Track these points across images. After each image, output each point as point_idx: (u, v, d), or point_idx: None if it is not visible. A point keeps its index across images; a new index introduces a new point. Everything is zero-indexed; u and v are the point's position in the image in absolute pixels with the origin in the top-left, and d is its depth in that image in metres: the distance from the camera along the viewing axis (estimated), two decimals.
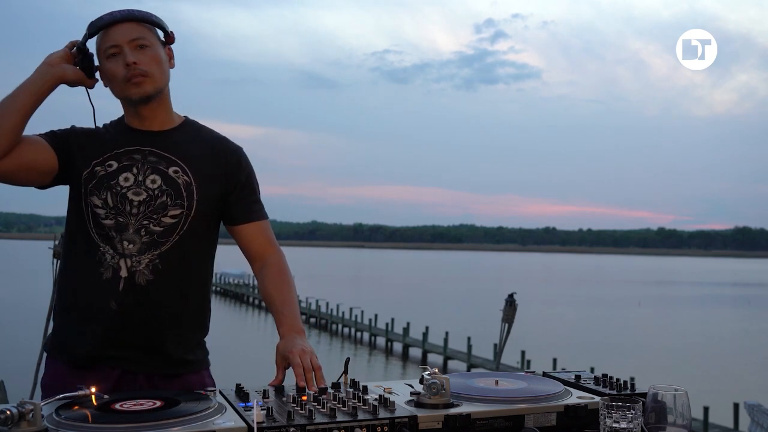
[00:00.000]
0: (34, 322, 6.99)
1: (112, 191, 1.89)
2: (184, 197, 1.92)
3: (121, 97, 1.95)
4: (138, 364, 1.90)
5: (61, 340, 1.95)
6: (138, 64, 1.86)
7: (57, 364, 1.93)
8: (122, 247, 1.87)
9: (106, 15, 1.89)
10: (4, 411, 1.23)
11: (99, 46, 1.91)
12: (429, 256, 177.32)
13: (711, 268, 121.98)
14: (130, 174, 1.91)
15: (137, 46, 1.88)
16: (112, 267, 1.87)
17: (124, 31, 1.88)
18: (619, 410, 1.31)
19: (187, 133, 2.02)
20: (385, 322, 29.49)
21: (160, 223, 1.89)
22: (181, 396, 1.52)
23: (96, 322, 1.88)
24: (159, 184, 1.91)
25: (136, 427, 1.31)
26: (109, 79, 1.92)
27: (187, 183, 1.93)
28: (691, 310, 46.23)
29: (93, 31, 1.88)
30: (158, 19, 1.95)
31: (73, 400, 1.45)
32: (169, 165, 1.93)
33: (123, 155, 1.93)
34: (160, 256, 1.89)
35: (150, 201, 1.89)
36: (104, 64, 1.90)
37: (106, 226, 1.88)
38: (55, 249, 3.84)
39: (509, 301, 4.49)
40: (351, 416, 1.39)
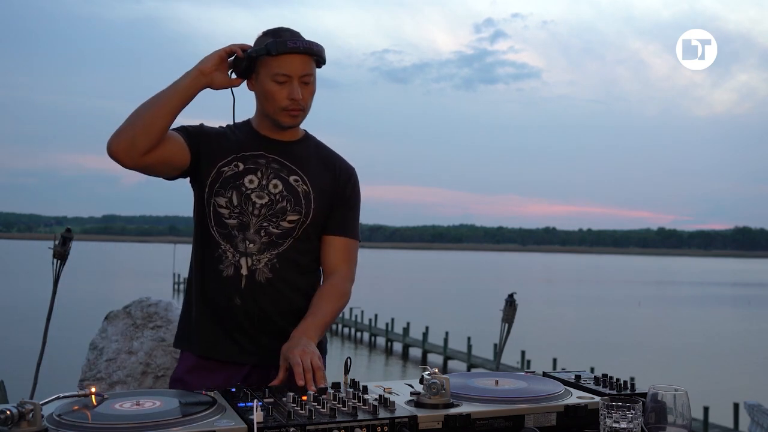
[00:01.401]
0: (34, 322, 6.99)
1: (238, 191, 1.98)
2: (302, 204, 2.02)
3: (269, 116, 2.01)
4: (265, 358, 1.97)
5: (189, 331, 2.03)
6: (301, 101, 1.96)
7: (190, 357, 2.02)
8: (244, 246, 1.97)
9: (289, 41, 1.92)
10: (4, 411, 1.23)
11: (268, 65, 1.93)
12: (429, 256, 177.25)
13: (711, 268, 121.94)
14: (254, 177, 2.00)
15: (304, 82, 1.95)
16: (234, 264, 1.97)
17: (299, 64, 1.93)
18: (619, 410, 1.31)
19: (308, 147, 2.11)
20: (385, 322, 29.48)
21: (278, 226, 1.99)
22: (181, 396, 1.52)
23: (222, 316, 1.98)
24: (280, 190, 2.00)
25: (136, 427, 1.31)
26: (266, 98, 1.98)
27: (306, 192, 2.03)
28: (691, 310, 46.21)
29: (273, 53, 1.90)
30: (324, 53, 2.00)
31: (73, 400, 1.45)
32: (290, 173, 2.03)
33: (249, 158, 2.02)
34: (278, 256, 1.99)
35: (271, 204, 1.99)
36: (267, 83, 1.95)
37: (229, 225, 1.98)
38: (55, 249, 3.84)
39: (509, 301, 4.49)
40: (351, 416, 1.39)
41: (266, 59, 1.93)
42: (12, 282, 49.19)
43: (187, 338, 2.04)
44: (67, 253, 3.89)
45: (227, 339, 1.98)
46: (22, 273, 57.04)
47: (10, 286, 45.78)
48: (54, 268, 3.92)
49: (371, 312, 30.95)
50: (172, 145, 1.93)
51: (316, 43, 1.96)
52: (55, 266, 3.93)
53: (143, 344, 3.99)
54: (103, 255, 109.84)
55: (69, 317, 22.45)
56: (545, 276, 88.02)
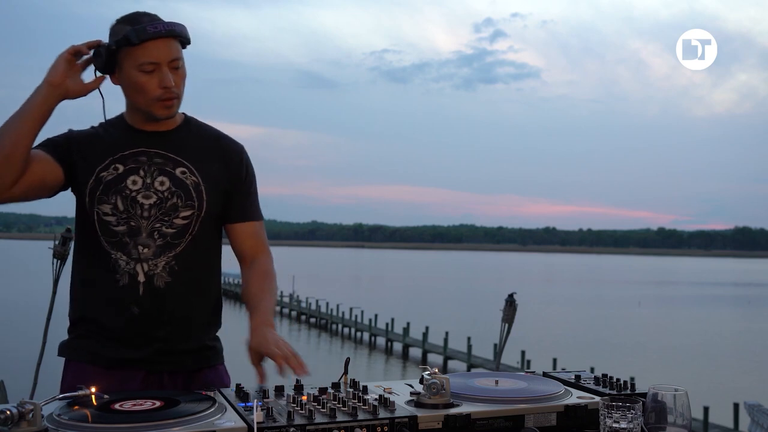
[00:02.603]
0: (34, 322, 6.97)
1: (122, 195, 1.86)
2: (194, 198, 1.91)
3: (141, 109, 1.89)
4: (161, 363, 1.90)
5: (81, 345, 1.93)
6: (174, 87, 1.84)
7: (82, 366, 1.90)
8: (137, 252, 1.86)
9: (149, 26, 1.79)
10: (4, 411, 1.23)
11: (131, 55, 1.80)
12: (429, 256, 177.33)
13: (711, 268, 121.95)
14: (137, 177, 1.88)
15: (173, 67, 1.84)
16: (128, 273, 1.86)
17: (164, 50, 1.81)
18: (619, 410, 1.30)
19: (189, 132, 1.99)
20: (385, 322, 29.48)
21: (172, 225, 1.89)
22: (181, 396, 1.52)
23: (118, 327, 1.89)
24: (168, 186, 1.89)
25: (136, 427, 1.31)
26: (135, 90, 1.85)
27: (196, 183, 1.92)
28: (691, 310, 46.22)
29: (134, 41, 1.77)
30: (188, 32, 1.88)
31: (73, 400, 1.45)
32: (176, 166, 1.92)
33: (128, 158, 1.90)
34: (175, 257, 1.89)
35: (160, 203, 1.88)
36: (133, 74, 1.82)
37: (119, 232, 1.86)
38: (55, 249, 3.83)
39: (509, 301, 4.49)
40: (351, 416, 1.39)
41: (128, 49, 1.79)
42: (12, 282, 49.20)
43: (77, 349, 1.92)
44: (67, 253, 3.89)
45: (122, 348, 1.88)
46: (22, 273, 57.03)
47: (10, 286, 45.79)
48: (54, 268, 3.92)
49: (371, 312, 30.95)
50: (39, 167, 1.80)
51: (177, 24, 1.84)
52: (55, 266, 3.93)
53: None
54: None
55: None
56: (545, 276, 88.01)
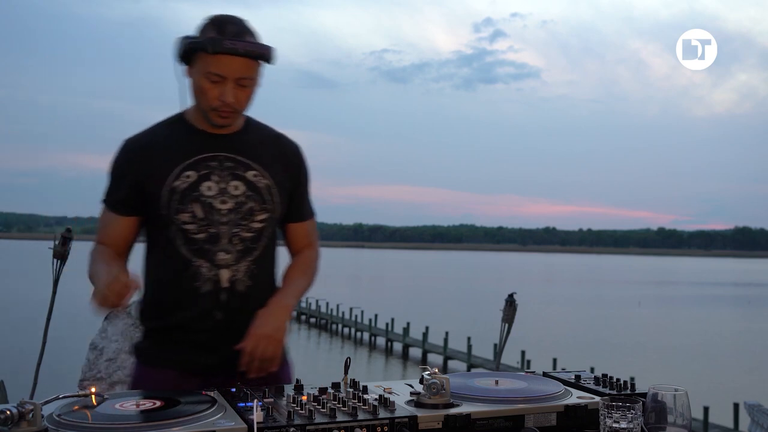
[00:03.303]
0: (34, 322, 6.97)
1: (199, 202, 1.86)
2: (267, 201, 1.93)
3: (201, 110, 1.89)
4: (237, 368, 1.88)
5: (162, 352, 1.92)
6: (234, 104, 1.84)
7: (164, 371, 1.90)
8: (218, 258, 1.87)
9: (228, 41, 1.77)
10: (4, 411, 1.23)
11: (203, 61, 1.80)
12: (429, 256, 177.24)
13: (711, 268, 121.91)
14: (211, 183, 1.88)
15: (241, 85, 1.83)
16: (211, 279, 1.87)
17: (235, 67, 1.80)
18: (619, 410, 1.30)
19: (253, 133, 1.99)
20: (385, 322, 29.47)
21: (250, 229, 1.90)
22: (181, 396, 1.52)
23: (202, 334, 1.89)
24: (243, 190, 1.90)
25: (136, 427, 1.31)
26: (197, 93, 1.86)
27: (268, 186, 1.94)
28: (691, 310, 46.20)
29: (209, 50, 1.77)
30: (272, 54, 1.86)
31: (73, 400, 1.45)
32: (247, 169, 1.92)
33: (199, 164, 1.89)
34: (254, 261, 1.92)
35: (237, 208, 1.89)
36: (200, 78, 1.83)
37: (199, 240, 1.86)
38: (55, 249, 3.83)
39: (509, 301, 4.48)
40: (351, 416, 1.39)
41: (203, 55, 1.80)
42: (12, 282, 49.17)
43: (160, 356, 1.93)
44: (67, 253, 3.88)
45: (205, 354, 1.90)
46: (22, 273, 57.00)
47: (10, 286, 45.76)
48: (54, 268, 3.92)
49: (371, 312, 30.94)
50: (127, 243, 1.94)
51: (260, 45, 1.82)
52: (55, 266, 3.92)
53: None
54: None
55: (69, 317, 22.41)
56: (545, 276, 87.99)
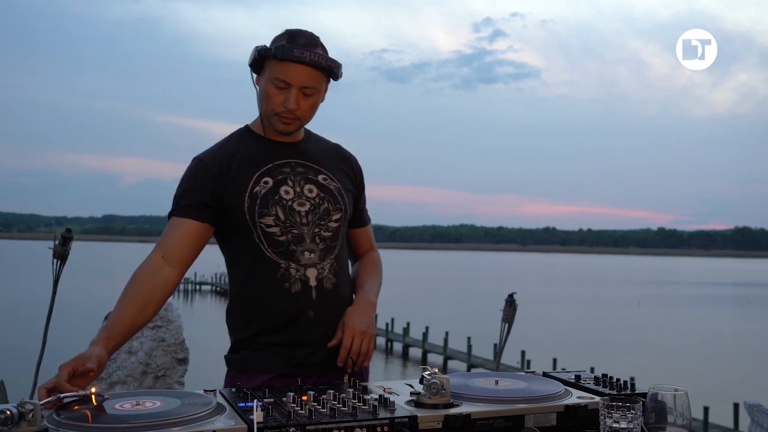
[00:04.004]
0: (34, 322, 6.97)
1: (280, 205, 1.93)
2: (340, 201, 2.02)
3: (263, 116, 1.98)
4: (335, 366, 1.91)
5: (260, 358, 1.93)
6: (296, 111, 1.91)
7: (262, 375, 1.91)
8: (304, 258, 1.93)
9: (296, 49, 1.85)
10: (4, 411, 1.23)
11: (272, 67, 1.89)
12: (429, 256, 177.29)
13: (711, 268, 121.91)
14: (288, 187, 1.96)
15: (305, 93, 1.91)
16: (300, 279, 1.92)
17: (302, 75, 1.88)
18: (619, 410, 1.30)
19: (314, 143, 2.10)
20: (385, 322, 29.46)
21: (328, 229, 1.98)
22: (181, 396, 1.52)
23: (298, 335, 1.92)
24: (316, 193, 1.99)
25: (136, 427, 1.31)
26: (263, 97, 1.94)
27: (338, 188, 2.03)
28: (691, 310, 46.20)
29: (278, 57, 1.86)
30: (338, 69, 1.93)
31: (73, 400, 1.45)
32: (317, 173, 2.02)
33: (273, 170, 1.97)
34: (336, 259, 1.99)
35: (315, 209, 1.97)
36: (267, 84, 1.92)
37: (284, 242, 1.92)
38: (55, 249, 3.83)
39: (509, 301, 4.49)
40: (351, 416, 1.39)
41: (272, 61, 1.89)
42: (12, 282, 49.16)
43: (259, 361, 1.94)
44: (67, 253, 3.89)
45: (302, 355, 1.92)
46: (22, 273, 57.00)
47: (10, 286, 45.75)
48: (54, 268, 3.92)
49: None
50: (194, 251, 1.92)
51: (328, 58, 1.90)
52: (55, 266, 3.93)
53: (143, 344, 3.99)
54: (103, 255, 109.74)
55: (69, 317, 22.42)
56: (546, 276, 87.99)
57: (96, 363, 1.61)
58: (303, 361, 1.93)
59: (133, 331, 1.83)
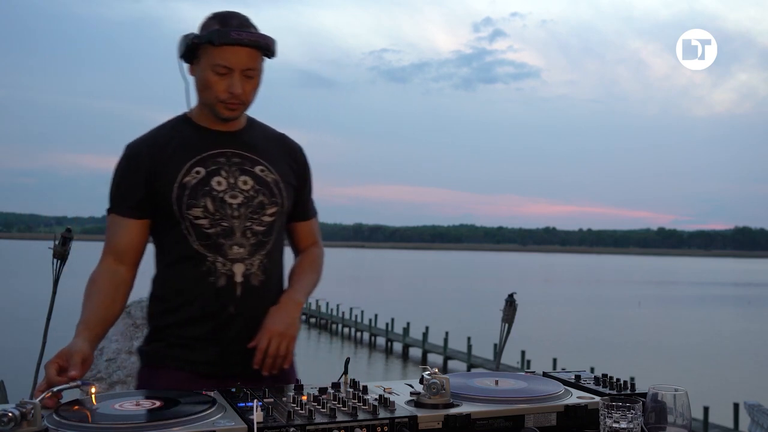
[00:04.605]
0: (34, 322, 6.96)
1: (210, 196, 1.87)
2: (276, 194, 1.95)
3: (207, 105, 1.91)
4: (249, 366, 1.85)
5: (171, 352, 1.90)
6: (241, 95, 1.86)
7: (174, 372, 1.87)
8: (232, 252, 1.87)
9: (234, 32, 1.80)
10: (4, 411, 1.23)
11: (209, 54, 1.83)
12: (429, 256, 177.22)
13: (711, 268, 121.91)
14: (220, 178, 1.89)
15: (247, 76, 1.86)
16: (225, 274, 1.87)
17: (241, 57, 1.83)
18: (619, 410, 1.30)
19: (257, 131, 2.03)
20: (385, 322, 29.47)
21: (261, 223, 1.92)
22: (181, 396, 1.52)
23: (215, 331, 1.88)
24: (252, 185, 1.92)
25: (136, 427, 1.31)
26: (203, 87, 1.88)
27: (275, 180, 1.96)
28: (691, 310, 46.22)
29: (215, 42, 1.80)
30: (274, 45, 1.89)
31: (73, 400, 1.45)
32: (254, 164, 1.94)
33: (207, 160, 1.90)
34: (266, 255, 1.92)
35: (248, 202, 1.90)
36: (207, 72, 1.85)
37: (212, 234, 1.86)
38: (55, 249, 3.83)
39: (509, 301, 4.48)
40: (351, 416, 1.39)
41: (208, 47, 1.82)
42: (12, 282, 49.16)
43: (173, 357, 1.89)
44: (67, 253, 3.88)
45: (220, 352, 1.88)
46: (22, 273, 56.99)
47: (10, 286, 45.75)
48: (54, 268, 3.92)
49: (371, 312, 30.94)
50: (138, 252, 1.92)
51: (264, 36, 1.85)
52: (55, 266, 3.92)
53: None
54: None
55: (69, 317, 22.33)
56: (546, 276, 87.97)
57: (80, 359, 1.64)
58: (218, 359, 1.87)
59: (108, 325, 1.85)
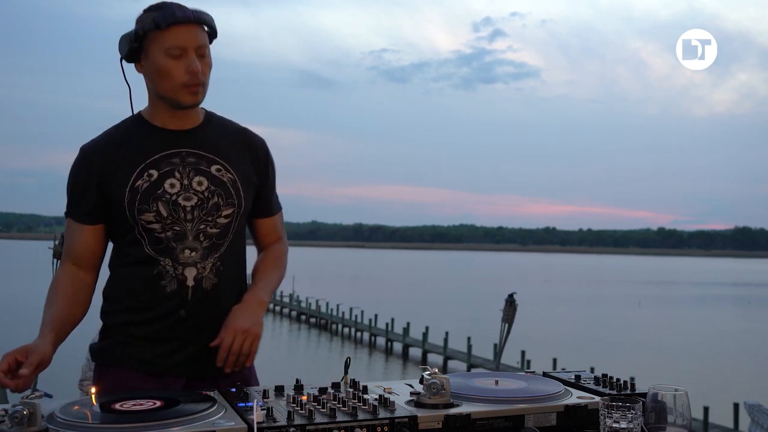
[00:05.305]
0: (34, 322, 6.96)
1: (162, 200, 1.83)
2: (233, 195, 1.90)
3: (167, 96, 1.85)
4: (203, 368, 1.86)
5: (123, 351, 1.89)
6: (200, 74, 1.82)
7: (124, 370, 1.86)
8: (184, 256, 1.85)
9: (178, 11, 1.78)
10: (4, 411, 1.23)
11: (159, 40, 1.79)
12: (429, 256, 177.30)
13: (711, 268, 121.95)
14: (174, 180, 1.85)
15: (200, 54, 1.83)
16: (177, 278, 1.84)
17: (192, 35, 1.80)
18: (619, 410, 1.30)
19: (215, 128, 1.97)
20: (385, 322, 29.48)
21: (216, 225, 1.87)
22: (181, 396, 1.52)
23: (164, 332, 1.86)
24: (206, 186, 1.87)
25: (136, 427, 1.31)
26: (160, 76, 1.82)
27: (232, 180, 1.90)
28: (691, 310, 46.24)
29: (162, 26, 1.77)
30: (214, 22, 1.88)
31: (73, 400, 1.46)
32: (210, 164, 1.89)
33: (160, 161, 1.86)
34: (220, 258, 1.89)
35: (202, 204, 1.86)
36: (160, 59, 1.80)
37: (164, 238, 1.84)
38: (55, 249, 3.83)
39: (509, 301, 4.49)
40: (351, 416, 1.39)
41: (156, 34, 1.78)
42: (12, 282, 49.18)
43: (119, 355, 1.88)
44: None
45: (167, 353, 1.86)
46: (22, 273, 57.00)
47: (10, 286, 45.77)
48: (54, 268, 3.92)
49: (371, 312, 30.95)
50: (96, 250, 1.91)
51: (205, 12, 1.84)
52: (55, 266, 3.92)
53: None
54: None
55: None
56: (546, 276, 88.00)
57: (37, 359, 1.68)
58: (168, 360, 1.85)
59: (71, 326, 1.86)
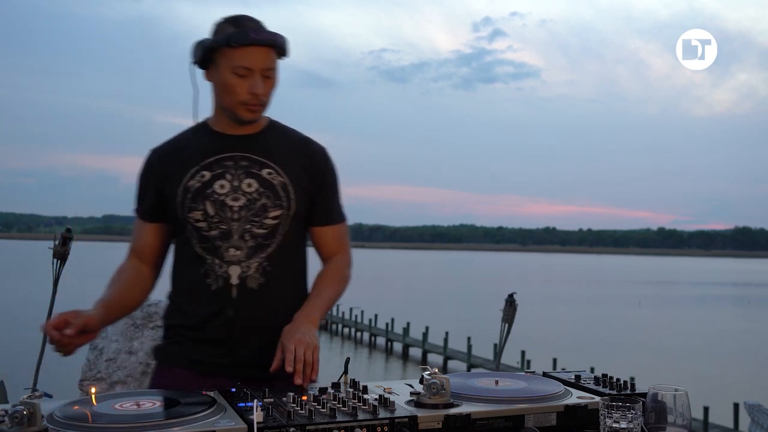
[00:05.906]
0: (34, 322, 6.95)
1: (210, 200, 1.89)
2: (282, 197, 1.92)
3: (227, 109, 1.92)
4: (253, 369, 1.86)
5: (176, 350, 1.95)
6: (262, 95, 1.88)
7: (178, 370, 1.92)
8: (229, 254, 1.89)
9: (252, 32, 1.83)
10: (4, 411, 1.23)
11: (228, 57, 1.85)
12: (429, 256, 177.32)
13: (711, 268, 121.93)
14: (224, 181, 1.90)
15: (266, 76, 1.87)
16: (222, 276, 1.89)
17: (260, 57, 1.85)
18: (619, 410, 1.30)
19: (275, 135, 2.01)
20: (385, 322, 29.48)
21: (262, 226, 1.90)
22: (181, 396, 1.52)
23: (214, 331, 1.90)
24: (255, 188, 1.91)
25: (136, 427, 1.31)
26: (224, 91, 1.89)
27: (283, 183, 1.93)
28: (691, 310, 46.23)
29: (233, 44, 1.82)
30: (287, 42, 1.92)
31: (73, 400, 1.45)
32: (262, 167, 1.93)
33: (214, 164, 1.92)
34: (267, 258, 1.91)
35: (250, 205, 1.90)
36: (226, 75, 1.86)
37: (211, 237, 1.89)
38: (55, 249, 3.83)
39: (509, 301, 4.47)
40: (351, 416, 1.39)
41: (226, 50, 1.84)
42: (12, 282, 49.16)
43: (175, 354, 1.95)
44: (67, 253, 3.88)
45: (219, 354, 1.90)
46: (22, 273, 56.98)
47: (10, 286, 45.75)
48: (54, 268, 3.92)
49: (371, 312, 30.94)
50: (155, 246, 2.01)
51: (279, 35, 1.88)
52: (55, 266, 3.92)
53: (143, 344, 4.00)
54: (103, 255, 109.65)
55: None
56: (546, 276, 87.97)
57: (83, 322, 1.76)
58: (220, 361, 1.89)
59: (124, 310, 1.99)
